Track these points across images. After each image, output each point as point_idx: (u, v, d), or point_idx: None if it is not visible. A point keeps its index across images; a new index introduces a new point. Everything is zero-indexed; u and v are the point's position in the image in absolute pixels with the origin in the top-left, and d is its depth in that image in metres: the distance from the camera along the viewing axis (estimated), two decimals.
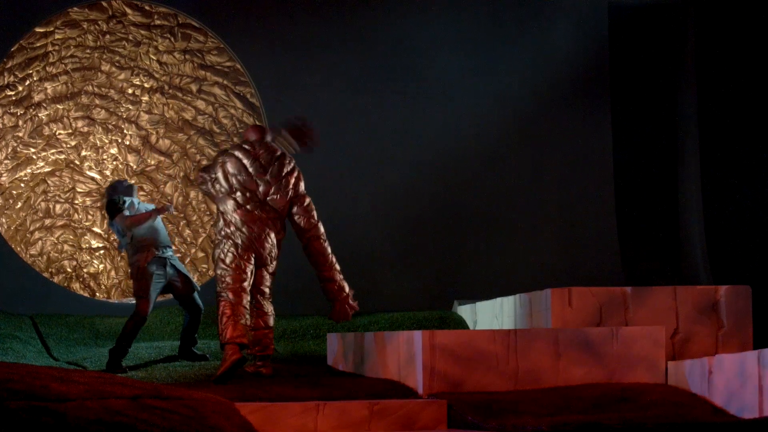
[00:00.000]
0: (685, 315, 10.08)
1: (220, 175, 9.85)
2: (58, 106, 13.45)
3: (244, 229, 9.67)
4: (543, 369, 9.18)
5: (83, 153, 13.56)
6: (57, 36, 13.40)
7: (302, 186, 10.05)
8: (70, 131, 13.49)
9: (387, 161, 13.86)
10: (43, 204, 13.42)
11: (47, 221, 13.42)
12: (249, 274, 9.66)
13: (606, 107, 14.38)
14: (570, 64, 14.32)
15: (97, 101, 13.57)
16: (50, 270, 13.29)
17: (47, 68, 13.38)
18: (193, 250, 13.65)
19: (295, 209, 10.00)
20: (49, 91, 13.42)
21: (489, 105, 14.11)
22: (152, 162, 13.71)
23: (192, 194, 13.72)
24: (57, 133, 13.46)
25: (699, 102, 14.28)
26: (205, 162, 13.72)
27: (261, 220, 9.73)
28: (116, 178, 13.46)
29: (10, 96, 13.28)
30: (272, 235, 9.81)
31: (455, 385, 9.00)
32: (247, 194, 9.77)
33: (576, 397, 8.77)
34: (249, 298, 9.67)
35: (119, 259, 13.57)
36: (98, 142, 13.59)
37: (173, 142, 13.72)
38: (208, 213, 13.71)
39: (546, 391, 8.97)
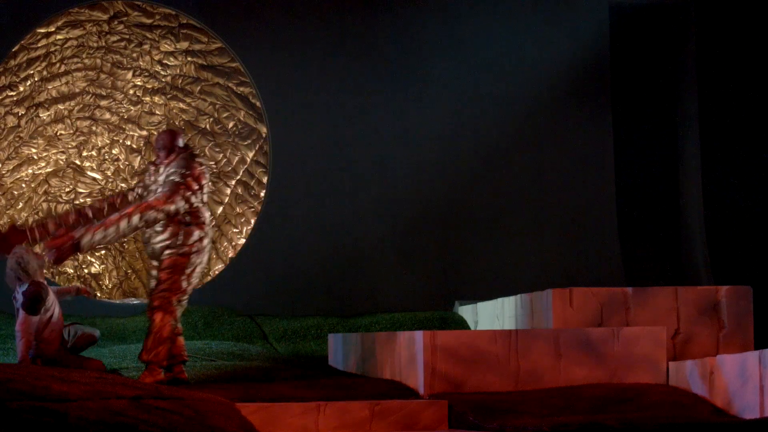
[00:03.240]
0: (686, 315, 10.08)
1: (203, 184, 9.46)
2: (60, 106, 13.47)
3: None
4: (544, 369, 9.19)
5: (85, 153, 13.57)
6: (58, 36, 13.41)
7: None
8: (71, 131, 13.51)
9: (388, 161, 13.86)
10: (44, 204, 13.43)
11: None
12: None
13: (607, 107, 14.38)
14: (571, 64, 14.32)
15: (98, 102, 13.58)
16: (51, 270, 13.30)
17: (49, 68, 13.40)
18: None
19: None
20: (50, 91, 13.43)
21: (490, 105, 14.11)
22: None
23: None
24: (58, 134, 13.47)
25: (700, 102, 14.27)
26: (206, 162, 13.74)
27: None
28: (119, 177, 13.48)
29: (12, 96, 13.30)
30: None
31: (456, 386, 9.00)
32: None
33: (577, 398, 8.77)
34: None
35: (120, 259, 13.59)
36: (100, 142, 13.60)
37: None
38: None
39: (547, 392, 8.97)
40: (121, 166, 13.66)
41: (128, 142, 13.66)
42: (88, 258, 13.48)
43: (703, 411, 8.55)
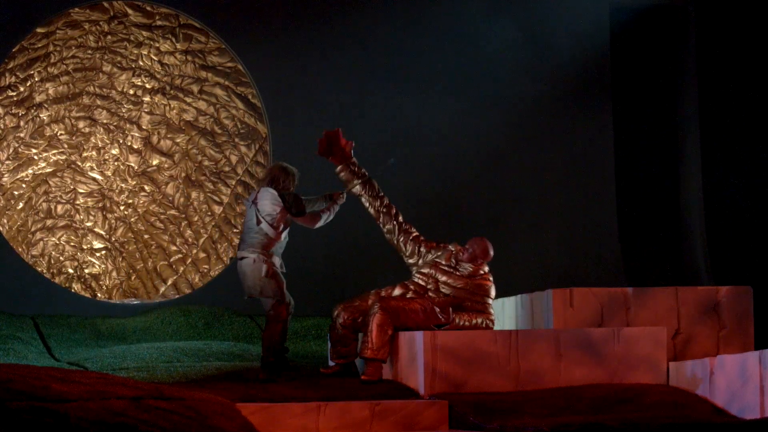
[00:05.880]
0: (687, 315, 10.07)
1: None
2: (60, 106, 13.46)
3: None
4: (544, 369, 9.19)
5: (84, 153, 13.57)
6: (58, 36, 13.41)
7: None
8: (71, 132, 13.51)
9: (387, 161, 13.85)
10: (44, 204, 13.43)
11: (48, 222, 13.43)
12: None
13: (607, 107, 14.38)
14: (572, 64, 14.32)
15: (98, 102, 13.58)
16: (51, 271, 13.30)
17: (49, 69, 13.39)
18: (194, 251, 13.66)
19: None
20: (50, 91, 13.43)
21: (490, 104, 14.11)
22: (154, 162, 13.72)
23: (193, 195, 13.73)
24: (58, 134, 13.47)
25: (700, 102, 14.28)
26: (206, 163, 13.73)
27: None
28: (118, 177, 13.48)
29: (12, 96, 13.29)
30: None
31: (457, 386, 9.00)
32: None
33: (577, 398, 8.77)
34: None
35: (120, 259, 13.59)
36: (99, 142, 13.60)
37: (174, 143, 13.73)
38: (209, 214, 13.72)
39: (547, 392, 8.97)
40: (121, 166, 13.65)
41: (128, 142, 13.66)
42: (88, 258, 13.47)
43: (703, 411, 8.55)
